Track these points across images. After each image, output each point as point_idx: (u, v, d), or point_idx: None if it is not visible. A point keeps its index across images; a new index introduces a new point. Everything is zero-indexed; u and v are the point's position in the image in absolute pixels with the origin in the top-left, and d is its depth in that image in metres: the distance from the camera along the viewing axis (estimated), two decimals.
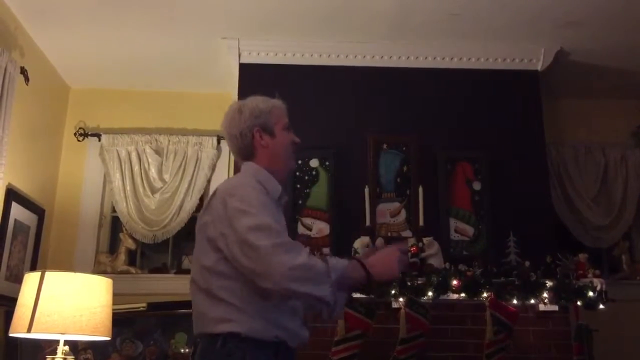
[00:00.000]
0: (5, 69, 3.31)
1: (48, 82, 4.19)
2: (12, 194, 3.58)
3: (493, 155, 3.87)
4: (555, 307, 3.37)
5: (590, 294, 3.33)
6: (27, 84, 3.65)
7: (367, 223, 3.58)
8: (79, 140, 4.40)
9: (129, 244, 4.19)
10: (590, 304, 3.33)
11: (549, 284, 3.34)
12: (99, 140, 4.36)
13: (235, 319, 1.69)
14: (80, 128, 4.42)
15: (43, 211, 4.01)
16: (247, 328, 1.69)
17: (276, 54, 4.01)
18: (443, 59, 4.06)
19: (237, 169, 2.03)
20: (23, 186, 3.75)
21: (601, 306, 3.32)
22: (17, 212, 3.66)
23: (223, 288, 1.71)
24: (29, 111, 3.83)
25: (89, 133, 4.40)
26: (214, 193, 1.83)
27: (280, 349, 1.74)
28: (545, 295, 3.34)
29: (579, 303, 3.34)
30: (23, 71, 3.59)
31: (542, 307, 3.36)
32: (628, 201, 4.36)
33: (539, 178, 3.90)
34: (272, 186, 1.87)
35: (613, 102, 4.54)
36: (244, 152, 1.94)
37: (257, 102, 1.96)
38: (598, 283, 3.37)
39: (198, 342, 1.77)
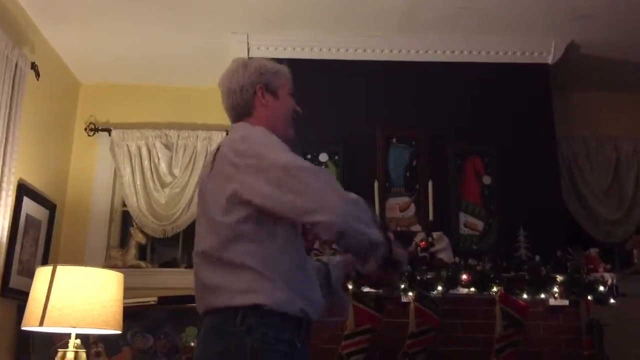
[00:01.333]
0: (16, 65, 3.33)
1: (58, 77, 4.21)
2: (23, 189, 3.61)
3: (503, 149, 3.86)
4: (566, 302, 3.35)
5: (601, 288, 3.31)
6: (37, 80, 3.67)
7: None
8: (89, 135, 4.42)
9: (140, 238, 4.21)
10: (601, 299, 3.31)
11: (559, 278, 3.32)
12: (110, 135, 4.37)
13: (260, 288, 1.55)
14: (90, 123, 4.44)
15: (54, 206, 4.04)
16: (274, 299, 1.55)
17: (285, 49, 4.00)
18: (453, 52, 4.04)
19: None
20: (34, 181, 3.77)
21: (612, 301, 3.30)
22: (29, 206, 3.69)
23: (246, 253, 1.57)
24: (40, 106, 3.85)
25: (100, 128, 4.42)
26: (217, 150, 1.70)
27: (303, 323, 1.63)
28: (555, 289, 3.32)
29: (589, 298, 3.32)
30: (34, 66, 3.61)
31: (552, 301, 3.35)
32: (639, 195, 4.33)
33: (549, 172, 3.88)
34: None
35: (624, 96, 4.50)
36: (240, 109, 1.83)
37: (264, 60, 1.88)
38: (609, 277, 3.35)
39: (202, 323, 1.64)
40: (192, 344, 3.49)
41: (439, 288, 3.25)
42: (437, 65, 4.03)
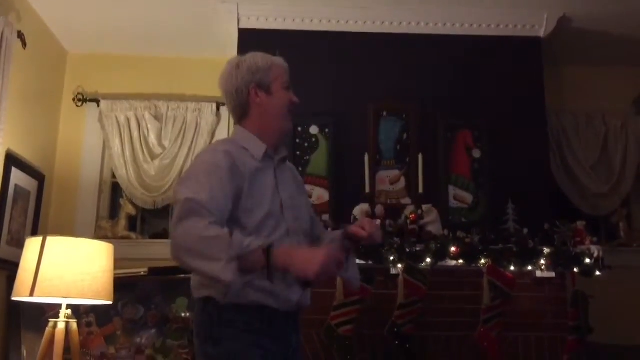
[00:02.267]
0: (2, 33, 3.27)
1: (46, 46, 4.14)
2: (11, 159, 3.58)
3: (493, 122, 3.86)
4: (552, 274, 3.40)
5: (587, 261, 3.36)
6: (24, 49, 3.61)
7: (367, 190, 3.59)
8: (77, 106, 4.37)
9: (129, 209, 4.21)
10: (587, 271, 3.36)
11: (546, 251, 3.37)
12: (98, 106, 4.33)
13: (210, 283, 1.69)
14: (78, 93, 4.39)
15: (43, 177, 4.02)
16: (220, 293, 1.69)
17: (275, 19, 3.96)
18: (444, 25, 4.01)
19: None
20: (22, 151, 3.74)
21: (598, 273, 3.36)
22: (17, 177, 3.66)
23: None
24: (27, 76, 3.80)
25: (88, 98, 4.37)
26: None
27: (265, 312, 1.72)
28: (542, 262, 3.37)
29: (575, 270, 3.37)
30: (20, 35, 3.55)
31: (539, 273, 3.40)
32: (627, 169, 4.36)
33: (539, 146, 3.89)
34: (252, 145, 1.84)
35: (615, 70, 4.50)
36: (239, 110, 1.89)
37: (256, 58, 1.89)
38: (595, 250, 3.40)
39: None
40: (183, 314, 3.53)
41: (428, 260, 3.29)
42: (428, 37, 4.00)
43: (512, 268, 3.35)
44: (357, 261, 3.20)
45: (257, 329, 1.71)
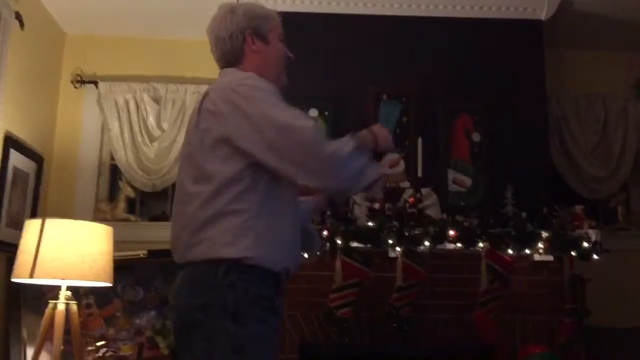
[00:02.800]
0: (0, 14, 3.25)
1: (43, 28, 4.11)
2: (10, 141, 3.57)
3: (493, 106, 3.85)
4: (550, 258, 3.42)
5: (585, 244, 3.37)
6: (22, 30, 3.59)
7: None
8: (75, 88, 4.35)
9: (128, 192, 4.21)
10: (585, 255, 3.38)
11: (544, 234, 3.38)
12: (97, 88, 4.31)
13: (246, 242, 1.53)
14: (77, 75, 4.36)
15: (42, 159, 4.01)
16: (261, 253, 1.54)
17: (275, 1, 3.92)
18: (445, 7, 3.99)
19: None
20: (21, 133, 3.73)
21: (595, 257, 3.37)
22: (16, 159, 3.66)
23: (234, 204, 1.55)
24: (25, 57, 3.78)
25: (86, 80, 4.35)
26: (203, 98, 1.65)
27: (281, 279, 1.63)
28: (540, 245, 3.38)
29: (573, 253, 3.38)
30: (18, 16, 3.52)
31: (537, 257, 3.42)
32: (626, 153, 4.35)
33: (538, 130, 3.89)
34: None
35: (615, 54, 4.48)
36: (230, 56, 1.76)
37: (253, 5, 1.80)
38: (593, 234, 3.41)
39: (180, 272, 1.63)
40: None
41: (426, 243, 3.30)
42: (428, 20, 3.98)
43: (510, 251, 3.36)
44: (356, 244, 3.24)
45: (275, 307, 1.60)
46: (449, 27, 3.97)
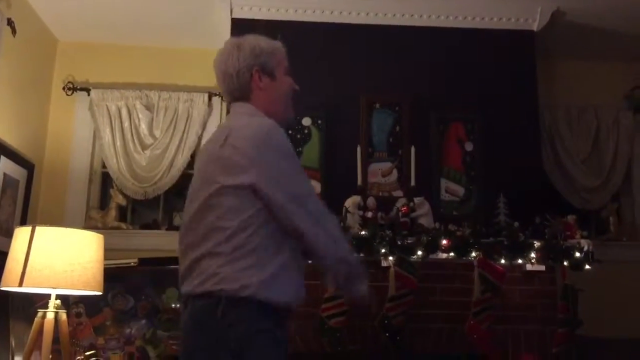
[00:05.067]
0: None
1: (35, 34, 4.10)
2: (0, 148, 3.54)
3: (486, 115, 3.86)
4: (542, 267, 3.42)
5: (577, 254, 3.37)
6: (14, 36, 3.57)
7: (359, 182, 3.59)
8: (67, 95, 4.33)
9: (120, 200, 4.18)
10: (577, 265, 3.38)
11: (537, 244, 3.38)
12: (89, 95, 4.29)
13: (254, 279, 1.55)
14: (68, 82, 4.35)
15: (32, 166, 3.98)
16: (260, 287, 1.55)
17: (269, 9, 3.93)
18: (438, 17, 4.00)
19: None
20: (12, 140, 3.70)
21: (587, 267, 3.37)
22: (6, 166, 3.63)
23: (240, 236, 1.57)
24: (17, 64, 3.76)
25: (78, 87, 4.33)
26: (223, 136, 1.66)
27: (280, 310, 1.63)
28: (532, 255, 3.38)
29: (565, 263, 3.38)
30: (10, 23, 3.51)
31: (529, 267, 3.41)
32: (618, 163, 4.38)
33: (530, 139, 3.90)
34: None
35: (607, 64, 4.51)
36: (237, 93, 1.77)
37: (258, 40, 1.80)
38: (585, 244, 3.42)
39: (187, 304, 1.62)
40: (173, 305, 3.51)
41: (419, 253, 3.29)
42: (421, 30, 3.99)
43: (503, 261, 3.36)
44: None
45: (277, 338, 1.61)
46: (442, 37, 3.98)
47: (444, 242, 3.32)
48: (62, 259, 2.71)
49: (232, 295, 1.53)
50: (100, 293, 2.93)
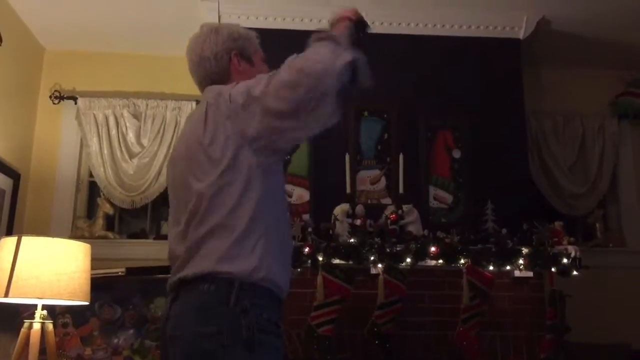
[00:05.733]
0: None
1: (22, 42, 4.08)
2: None
3: (473, 123, 3.89)
4: (530, 274, 3.44)
5: (565, 260, 3.40)
6: (0, 44, 3.55)
7: (348, 190, 3.59)
8: (54, 103, 4.31)
9: (107, 209, 4.16)
10: (565, 271, 3.40)
11: (524, 250, 3.40)
12: (75, 104, 4.27)
13: (255, 257, 1.45)
14: (55, 91, 4.32)
15: (18, 175, 3.95)
16: (271, 270, 1.46)
17: (257, 18, 3.94)
18: (425, 25, 4.03)
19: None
20: None
21: (575, 273, 3.40)
22: None
23: (247, 220, 1.46)
24: (3, 72, 3.74)
25: (65, 96, 4.31)
26: (195, 112, 1.61)
27: (282, 302, 1.55)
28: (520, 261, 3.40)
29: (553, 270, 3.40)
30: None
31: (517, 273, 3.43)
32: (604, 170, 4.43)
33: (518, 146, 3.93)
34: None
35: (593, 72, 4.56)
36: (215, 76, 1.71)
37: (235, 26, 1.78)
38: (572, 250, 3.44)
39: (176, 290, 1.49)
40: (161, 314, 3.49)
41: (408, 260, 3.30)
42: (409, 38, 4.02)
43: (491, 268, 3.37)
44: (337, 261, 3.23)
45: (280, 333, 1.50)
46: (429, 45, 4.01)
47: (433, 249, 3.33)
48: (49, 269, 2.68)
49: (246, 279, 1.44)
50: (87, 303, 2.90)
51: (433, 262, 3.37)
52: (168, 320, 1.51)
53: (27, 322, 2.78)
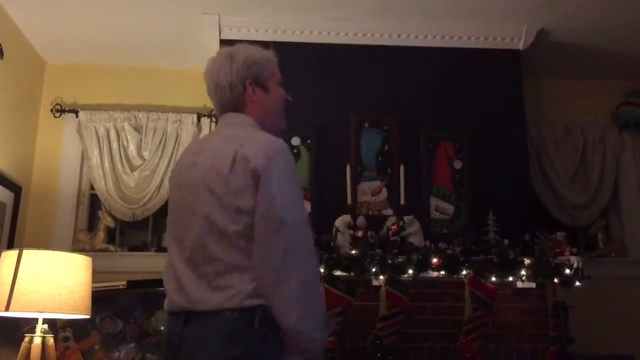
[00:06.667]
0: None
1: (23, 56, 4.09)
2: None
3: (474, 134, 3.89)
4: (533, 285, 3.42)
5: (567, 271, 3.38)
6: (1, 58, 3.57)
7: (349, 201, 3.59)
8: (55, 117, 4.32)
9: (108, 222, 4.15)
10: (567, 281, 3.38)
11: (527, 261, 3.38)
12: (77, 117, 4.28)
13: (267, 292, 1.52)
14: (57, 104, 4.34)
15: (20, 188, 3.95)
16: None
17: (257, 31, 3.96)
18: (425, 37, 4.04)
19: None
20: None
21: (577, 283, 3.38)
22: None
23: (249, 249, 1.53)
24: (4, 86, 3.75)
25: (66, 109, 4.32)
26: (211, 141, 1.68)
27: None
28: (523, 272, 3.38)
29: (556, 280, 3.39)
30: None
31: (520, 284, 3.41)
32: (605, 180, 4.42)
33: (518, 157, 3.93)
34: None
35: (593, 82, 4.57)
36: (230, 105, 1.73)
37: (251, 50, 1.76)
38: (575, 261, 3.43)
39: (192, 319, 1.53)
40: (162, 328, 3.47)
41: (410, 271, 3.28)
42: (408, 49, 4.03)
43: (493, 279, 3.35)
44: (339, 273, 3.22)
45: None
46: (429, 56, 4.02)
47: (435, 260, 3.31)
48: (50, 283, 2.68)
49: (266, 307, 1.51)
50: (88, 317, 2.89)
51: (435, 274, 3.35)
52: (183, 345, 1.53)
53: (27, 337, 2.78)
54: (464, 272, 3.33)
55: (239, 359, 1.47)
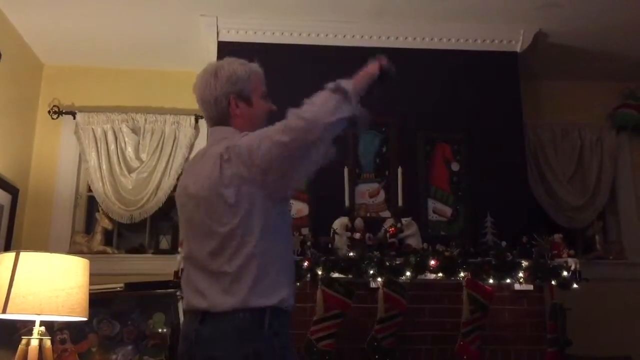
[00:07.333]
0: None
1: (21, 58, 4.09)
2: None
3: (472, 136, 3.89)
4: (531, 287, 3.42)
5: (565, 273, 3.39)
6: None
7: (347, 204, 3.59)
8: (53, 118, 4.32)
9: (106, 224, 4.14)
10: (565, 283, 3.39)
11: (524, 263, 3.39)
12: (74, 119, 4.28)
13: (280, 287, 1.66)
14: (54, 106, 4.33)
15: (17, 190, 3.94)
16: (290, 297, 1.68)
17: (255, 33, 3.96)
18: (423, 39, 4.05)
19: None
20: None
21: (575, 285, 3.38)
22: None
23: (260, 253, 1.64)
24: (1, 88, 3.74)
25: (64, 111, 4.32)
26: (203, 156, 1.79)
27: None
28: (520, 274, 3.39)
29: (553, 282, 3.39)
30: None
31: (517, 286, 3.42)
32: (602, 182, 4.43)
33: (516, 159, 3.93)
34: None
35: (590, 84, 4.58)
36: (217, 119, 1.84)
37: (235, 66, 1.85)
38: (572, 263, 3.43)
39: (200, 322, 1.65)
40: (160, 330, 3.47)
41: (408, 273, 3.29)
42: (406, 52, 4.03)
43: (491, 281, 3.36)
44: (336, 275, 3.22)
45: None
46: (427, 59, 4.02)
47: (432, 262, 3.32)
48: (47, 285, 2.67)
49: (273, 307, 1.63)
50: (85, 319, 2.88)
51: (433, 276, 3.35)
52: (198, 343, 1.64)
53: (24, 339, 2.77)
54: (462, 274, 3.33)
55: (251, 357, 1.57)
